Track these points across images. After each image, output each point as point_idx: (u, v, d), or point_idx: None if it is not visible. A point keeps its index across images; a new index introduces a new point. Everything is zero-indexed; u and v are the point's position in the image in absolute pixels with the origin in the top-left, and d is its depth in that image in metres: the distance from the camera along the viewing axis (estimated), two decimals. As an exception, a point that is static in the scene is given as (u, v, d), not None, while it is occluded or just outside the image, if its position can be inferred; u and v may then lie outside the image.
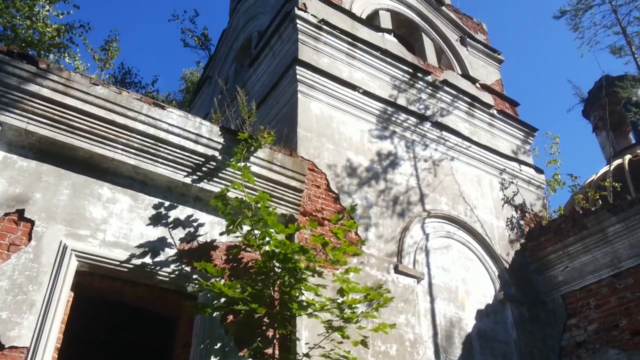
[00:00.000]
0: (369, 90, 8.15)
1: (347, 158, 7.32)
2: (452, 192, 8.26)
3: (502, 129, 9.81)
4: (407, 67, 8.95)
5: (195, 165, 5.58)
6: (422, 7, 11.06)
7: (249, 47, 10.84)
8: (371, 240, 6.79)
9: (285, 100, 7.60)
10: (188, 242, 5.36)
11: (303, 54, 7.82)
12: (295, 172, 6.20)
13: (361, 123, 7.87)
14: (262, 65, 8.82)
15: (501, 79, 11.25)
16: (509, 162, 9.35)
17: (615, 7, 10.41)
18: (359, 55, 8.51)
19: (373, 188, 7.35)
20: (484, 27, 12.13)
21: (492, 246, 8.03)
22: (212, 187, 5.61)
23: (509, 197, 8.95)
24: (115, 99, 5.28)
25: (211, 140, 5.67)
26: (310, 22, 8.10)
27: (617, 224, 7.53)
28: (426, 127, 8.56)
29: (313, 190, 6.63)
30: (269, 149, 6.06)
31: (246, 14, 11.36)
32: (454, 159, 8.71)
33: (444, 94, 9.26)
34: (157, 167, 5.42)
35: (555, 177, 9.45)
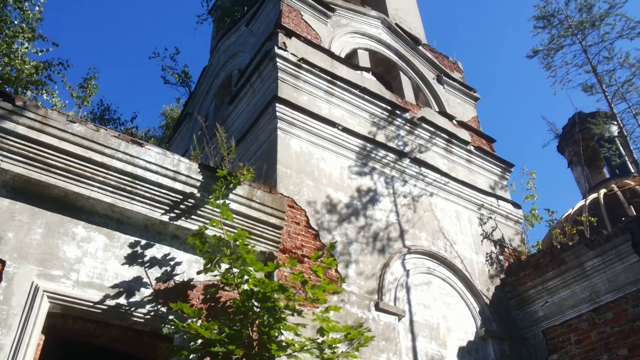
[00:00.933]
0: (348, 127, 8.24)
1: (327, 194, 7.32)
2: (432, 228, 8.29)
3: (480, 164, 9.96)
4: (386, 105, 9.09)
5: (173, 203, 5.52)
6: (399, 46, 11.33)
7: (230, 84, 10.93)
8: (351, 277, 6.74)
9: (265, 137, 7.63)
10: (164, 281, 5.25)
11: (283, 91, 7.90)
12: (274, 209, 6.17)
13: (341, 159, 7.92)
14: (242, 102, 8.88)
15: (477, 116, 11.48)
16: (487, 198, 9.45)
17: (585, 47, 10.80)
18: (338, 93, 8.63)
19: (353, 224, 7.34)
20: (459, 66, 12.44)
21: (472, 282, 8.03)
22: (190, 224, 5.55)
23: (487, 232, 9.01)
24: (92, 137, 5.23)
25: (190, 177, 5.63)
26: (290, 60, 8.22)
27: (595, 259, 7.61)
28: (405, 163, 8.64)
29: (293, 227, 6.59)
30: (248, 185, 6.03)
31: (227, 52, 11.50)
32: (433, 194, 8.78)
33: (422, 131, 9.41)
34: (134, 205, 5.34)
35: (532, 212, 9.57)
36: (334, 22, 10.33)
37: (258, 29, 10.21)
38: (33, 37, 7.98)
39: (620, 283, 7.32)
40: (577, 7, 11.05)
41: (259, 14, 10.21)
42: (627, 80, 10.92)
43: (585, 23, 10.67)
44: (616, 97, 10.99)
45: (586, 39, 10.68)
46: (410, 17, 12.97)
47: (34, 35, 8.00)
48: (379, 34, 11.14)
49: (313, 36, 9.57)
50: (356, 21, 10.88)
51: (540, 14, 11.25)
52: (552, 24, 11.06)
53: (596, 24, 10.67)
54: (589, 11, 10.80)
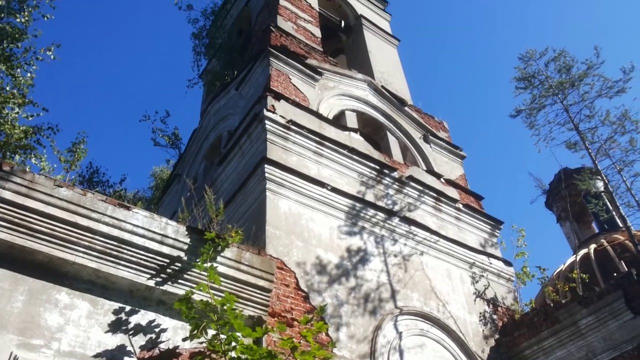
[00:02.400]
0: (337, 187, 8.28)
1: (316, 255, 7.25)
2: (424, 288, 8.19)
3: (469, 222, 9.98)
4: (374, 164, 9.19)
5: (160, 267, 5.43)
6: (386, 107, 11.59)
7: (219, 146, 11.04)
8: (342, 341, 6.57)
9: (254, 198, 7.63)
10: (149, 349, 5.08)
11: (272, 152, 7.98)
12: (263, 271, 6.08)
13: (330, 219, 7.90)
14: (232, 163, 8.93)
15: (465, 174, 11.62)
16: (478, 256, 9.41)
17: (567, 106, 11.11)
18: (327, 153, 8.73)
19: (343, 285, 7.24)
20: (445, 125, 12.71)
21: (466, 343, 7.85)
22: (176, 289, 5.43)
23: (480, 291, 8.91)
24: (79, 201, 5.20)
25: (177, 240, 5.56)
26: (278, 122, 8.36)
27: (589, 317, 7.52)
28: (395, 222, 8.64)
29: (282, 290, 6.47)
30: (236, 248, 5.97)
31: (217, 114, 11.68)
32: (423, 253, 8.72)
33: (410, 190, 9.47)
34: (119, 269, 5.24)
35: (524, 270, 9.51)
36: (321, 84, 10.60)
37: (247, 93, 10.43)
38: (23, 103, 8.10)
39: (616, 341, 7.21)
40: (556, 68, 11.46)
41: (249, 77, 10.46)
42: (609, 137, 11.17)
43: (565, 83, 11.03)
44: (600, 154, 11.19)
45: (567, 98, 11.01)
46: (396, 79, 13.35)
47: (24, 100, 8.12)
48: (365, 96, 11.42)
49: (301, 99, 9.78)
50: (343, 84, 11.17)
51: (521, 75, 11.64)
52: (533, 85, 11.43)
53: (575, 84, 11.03)
54: (568, 72, 11.19)
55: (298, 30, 12.09)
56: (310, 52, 11.39)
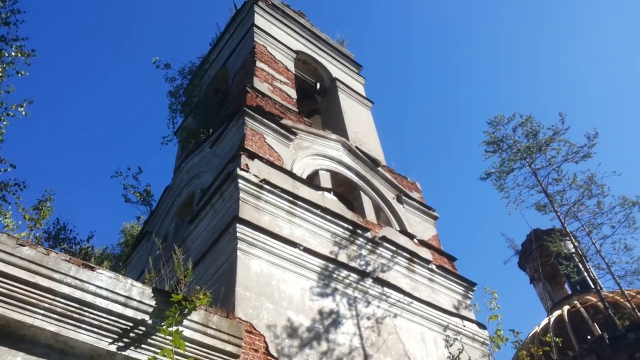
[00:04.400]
0: (309, 247, 8.21)
1: (287, 318, 7.07)
2: (397, 352, 8.01)
3: (442, 284, 9.93)
4: (347, 224, 9.17)
5: (123, 331, 5.20)
6: (359, 167, 11.73)
7: (191, 203, 10.93)
8: (313, 409, 6.30)
9: (225, 258, 7.49)
10: (107, 421, 4.78)
11: (244, 212, 7.92)
12: (231, 335, 5.88)
13: (302, 280, 7.77)
14: (203, 222, 8.82)
15: (437, 235, 11.67)
16: (452, 318, 9.31)
17: (535, 170, 11.43)
18: (300, 213, 8.70)
19: (315, 350, 7.03)
20: (418, 186, 12.87)
21: (441, 410, 7.62)
22: (139, 354, 5.19)
23: (454, 355, 8.71)
24: (41, 261, 5.01)
25: (142, 303, 5.37)
26: (251, 181, 8.34)
27: (563, 382, 7.42)
28: (368, 284, 8.54)
29: (250, 355, 6.25)
30: (204, 311, 5.78)
31: (190, 172, 11.63)
32: (397, 315, 8.59)
33: (384, 250, 9.44)
34: (79, 333, 5.00)
35: (497, 333, 9.36)
36: (296, 144, 10.70)
37: (222, 151, 10.45)
38: (-12, 161, 7.93)
39: (591, 408, 7.09)
40: (524, 132, 11.87)
41: (223, 136, 10.52)
42: (577, 201, 11.47)
43: (532, 148, 11.39)
44: (569, 216, 11.43)
45: (535, 162, 11.36)
46: (369, 140, 13.60)
47: (-9, 157, 7.95)
48: (339, 156, 11.55)
49: (275, 158, 9.84)
50: (317, 144, 11.31)
51: (490, 139, 12.00)
52: (501, 149, 11.77)
53: (542, 149, 11.40)
54: (535, 137, 11.59)
55: (274, 91, 12.32)
56: (285, 112, 11.58)
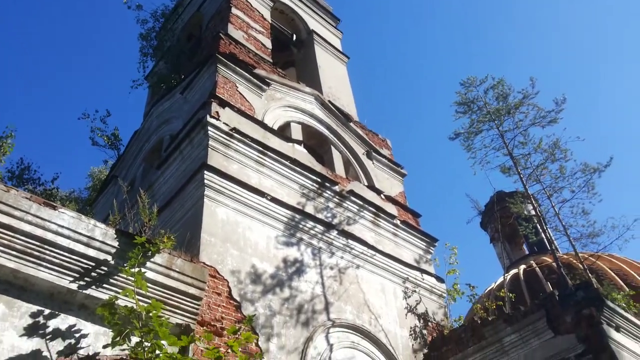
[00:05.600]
0: (277, 197, 8.27)
1: (251, 264, 7.20)
2: (357, 301, 8.27)
3: (406, 238, 10.19)
4: (316, 177, 9.24)
5: (84, 270, 5.22)
6: (331, 122, 11.72)
7: (160, 149, 10.81)
8: (272, 352, 6.53)
9: (191, 204, 7.51)
10: (67, 355, 4.86)
11: (212, 159, 7.89)
12: (194, 278, 5.97)
13: (268, 229, 7.87)
14: (171, 168, 8.76)
15: (404, 192, 11.88)
16: (412, 271, 9.61)
17: (502, 132, 11.61)
18: (269, 163, 8.72)
19: (277, 296, 7.21)
20: (388, 143, 12.98)
21: (396, 357, 7.97)
22: (100, 294, 5.23)
23: (412, 306, 9.09)
24: (1, 198, 4.94)
25: (105, 243, 5.38)
26: (221, 129, 8.28)
27: (513, 334, 7.77)
28: (333, 235, 8.70)
29: (213, 298, 6.37)
30: (167, 254, 5.83)
31: (160, 117, 11.45)
32: (359, 267, 8.83)
33: (350, 204, 9.58)
34: (40, 271, 5.00)
35: (454, 287, 9.79)
36: (268, 95, 10.60)
37: (193, 97, 10.29)
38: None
39: (536, 359, 7.47)
40: (494, 95, 11.97)
41: (195, 82, 10.33)
42: (541, 164, 11.73)
43: (501, 110, 11.54)
44: (531, 179, 11.71)
45: (503, 124, 11.52)
46: (343, 95, 13.55)
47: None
48: (312, 109, 11.51)
49: (247, 107, 9.74)
50: (290, 96, 11.22)
51: (462, 100, 12.09)
52: (472, 110, 11.89)
53: (511, 112, 11.57)
54: (505, 100, 11.72)
55: (248, 40, 12.08)
56: (259, 62, 11.40)
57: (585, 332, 7.13)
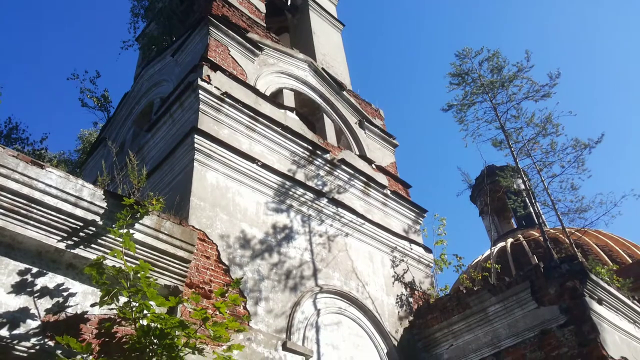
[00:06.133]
0: (267, 164, 8.24)
1: (241, 229, 7.21)
2: (345, 268, 8.35)
3: (395, 208, 10.24)
4: (307, 144, 9.20)
5: (72, 230, 5.20)
6: (324, 90, 11.61)
7: (150, 112, 10.68)
8: (260, 315, 6.60)
9: (181, 168, 7.46)
10: (55, 313, 4.87)
11: (203, 123, 7.81)
12: (183, 241, 5.97)
13: (258, 195, 7.86)
14: (161, 131, 8.67)
15: (395, 162, 11.88)
16: (400, 241, 9.69)
17: (495, 104, 11.56)
18: (260, 129, 8.65)
19: (266, 261, 7.25)
20: (381, 113, 12.91)
21: (382, 323, 8.10)
22: (88, 254, 5.22)
23: (399, 275, 9.20)
24: (-13, 154, 4.87)
25: (92, 204, 5.34)
26: (212, 93, 8.17)
27: (497, 304, 7.92)
28: (323, 203, 8.72)
29: (202, 261, 6.40)
30: (156, 216, 5.81)
31: (150, 80, 11.27)
32: (348, 235, 8.88)
33: (341, 172, 9.57)
34: (27, 229, 4.97)
35: (442, 257, 9.90)
36: (261, 60, 10.45)
37: (184, 60, 10.12)
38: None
39: (519, 329, 7.63)
40: (489, 67, 11.88)
41: (186, 45, 10.15)
42: (532, 139, 11.73)
43: (495, 83, 11.47)
44: (522, 154, 11.72)
45: (496, 97, 11.46)
46: (337, 63, 13.39)
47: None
48: (305, 76, 11.38)
49: (239, 72, 9.61)
50: (283, 62, 11.07)
51: (456, 72, 11.99)
52: (466, 82, 11.80)
53: (505, 85, 11.50)
54: (500, 72, 11.64)
55: (242, 3, 11.84)
56: (252, 26, 11.20)
57: (568, 303, 7.27)
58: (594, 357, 6.74)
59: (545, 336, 7.31)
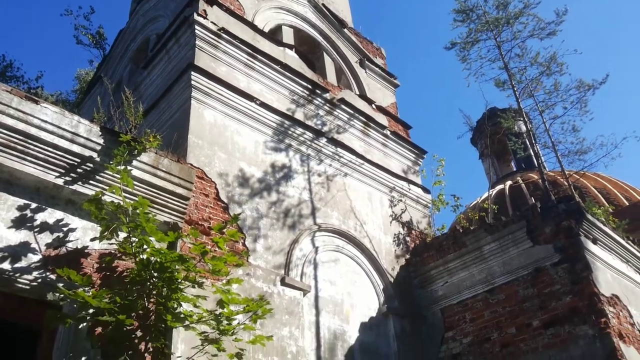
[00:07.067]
0: (266, 102, 8.14)
1: (239, 168, 7.21)
2: (344, 207, 8.42)
3: (394, 149, 10.21)
4: (307, 83, 9.06)
5: (70, 166, 5.20)
6: (324, 27, 11.31)
7: (146, 49, 10.45)
8: (259, 251, 6.71)
9: (178, 106, 7.38)
10: (55, 247, 4.96)
11: (200, 60, 7.65)
12: (182, 179, 5.98)
13: (256, 134, 7.82)
14: (157, 68, 8.51)
15: (396, 103, 11.74)
16: (399, 181, 9.72)
17: (500, 43, 11.28)
18: (259, 67, 8.49)
19: (265, 199, 7.30)
20: (382, 52, 12.63)
21: (378, 261, 8.26)
22: (87, 190, 5.25)
23: (397, 214, 9.29)
24: (-20, 89, 4.80)
25: (89, 140, 5.32)
26: (209, 29, 7.96)
27: (492, 243, 8.04)
28: (322, 143, 8.68)
29: (201, 199, 6.44)
30: (154, 153, 5.80)
31: (146, 15, 10.96)
32: (347, 175, 8.90)
33: (341, 112, 9.48)
34: (25, 165, 4.98)
35: (439, 197, 9.97)
36: (259, -5, 10.11)
37: (180, -6, 9.79)
38: None
39: (513, 266, 7.78)
40: (494, 4, 11.51)
41: (182, -22, 9.78)
42: (535, 78, 11.53)
43: (500, 20, 11.14)
44: (524, 94, 11.56)
45: (500, 35, 11.16)
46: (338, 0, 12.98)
47: None
48: (305, 13, 11.05)
49: (236, 7, 9.32)
50: (283, -4, 10.72)
51: (461, 8, 11.63)
52: (470, 19, 11.46)
53: (510, 22, 11.17)
54: (505, 9, 11.29)
55: None
56: (250, -42, 10.74)
57: (563, 242, 7.38)
58: (585, 294, 6.90)
59: (539, 274, 7.46)
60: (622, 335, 6.76)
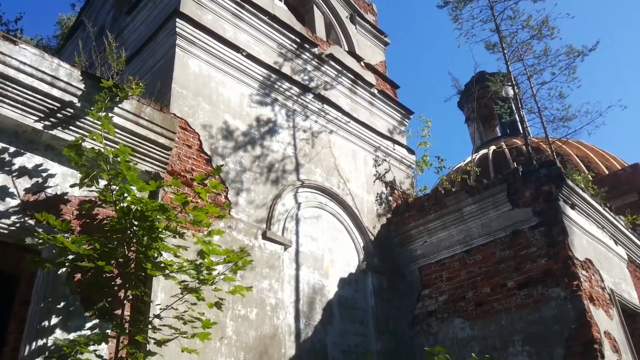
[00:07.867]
0: (253, 54, 7.98)
1: (224, 120, 7.12)
2: (328, 165, 8.41)
3: (381, 108, 10.15)
4: (295, 36, 8.87)
5: (49, 111, 5.07)
6: (316, -22, 11.00)
7: (131, -6, 10.08)
8: (241, 205, 6.71)
9: (162, 54, 7.19)
10: (34, 193, 4.89)
11: (185, 6, 7.42)
12: (164, 128, 5.89)
13: (242, 87, 7.69)
14: (141, 14, 8.25)
15: (385, 61, 11.60)
16: (384, 141, 9.71)
17: (492, 3, 11.12)
18: (246, 17, 8.27)
19: (249, 153, 7.25)
20: (374, 8, 12.39)
21: (360, 219, 8.33)
22: (67, 135, 5.14)
23: (380, 174, 9.33)
24: (-47, 25, 4.60)
25: (70, 84, 5.17)
26: (196, -26, 7.68)
27: (473, 205, 8.14)
28: (308, 99, 8.59)
29: (184, 150, 6.37)
30: (136, 101, 5.68)
31: (130, -42, 10.53)
32: (332, 132, 8.85)
33: (329, 68, 9.34)
34: (3, 108, 4.83)
35: (424, 159, 10.01)
36: (249, -59, 9.74)
37: (166, -63, 9.38)
38: None
39: (492, 228, 7.92)
40: (490, -40, 11.27)
41: None
42: (526, 42, 11.45)
43: (494, -22, 10.95)
44: (514, 58, 11.49)
45: (493, -7, 11.00)
46: (331, -50, 12.56)
47: None
48: (296, -37, 10.72)
49: (225, -47, 8.97)
50: (273, -55, 10.34)
51: (455, -35, 11.38)
52: (464, -25, 11.25)
53: (504, -19, 10.99)
54: (499, -32, 11.08)
55: None
56: None
57: (542, 206, 7.50)
58: (560, 257, 7.07)
59: (516, 236, 7.60)
60: (592, 298, 6.97)
